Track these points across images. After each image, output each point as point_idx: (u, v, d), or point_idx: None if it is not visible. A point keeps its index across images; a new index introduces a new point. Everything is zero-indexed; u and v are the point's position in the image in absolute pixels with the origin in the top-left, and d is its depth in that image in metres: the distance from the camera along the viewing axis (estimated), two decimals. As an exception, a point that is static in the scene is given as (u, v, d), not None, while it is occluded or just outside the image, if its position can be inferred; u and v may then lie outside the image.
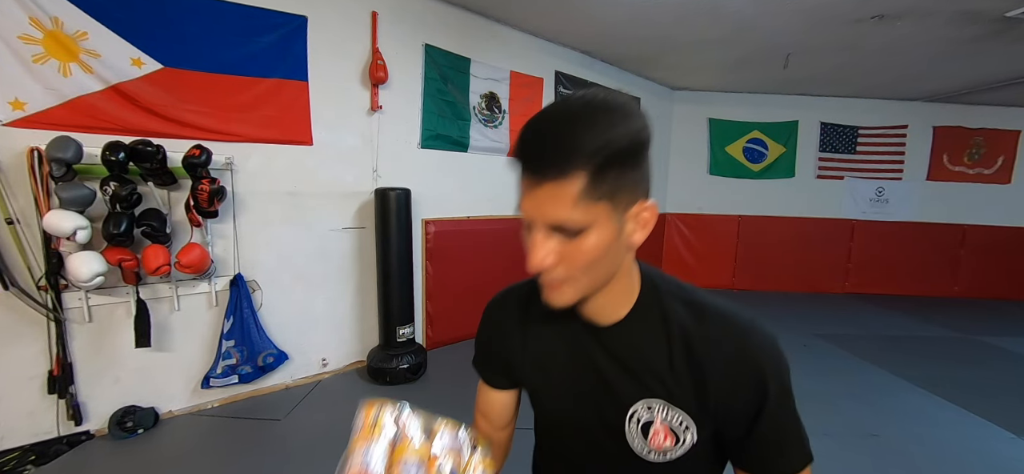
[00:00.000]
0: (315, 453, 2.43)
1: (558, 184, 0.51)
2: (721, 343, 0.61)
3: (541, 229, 0.54)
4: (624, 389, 0.65)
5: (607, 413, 0.67)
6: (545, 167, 0.51)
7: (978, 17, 3.53)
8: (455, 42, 3.77)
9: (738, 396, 0.60)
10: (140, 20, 2.43)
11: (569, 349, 0.70)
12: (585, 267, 0.56)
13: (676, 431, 0.63)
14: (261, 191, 2.94)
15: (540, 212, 0.54)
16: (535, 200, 0.53)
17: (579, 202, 0.51)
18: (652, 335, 0.64)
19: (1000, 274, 6.51)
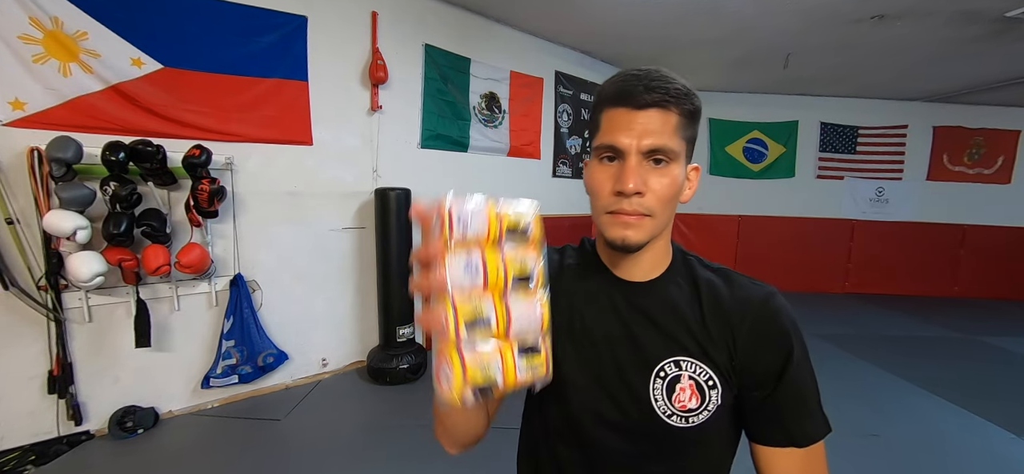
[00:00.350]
0: (315, 453, 2.43)
1: (661, 112, 0.60)
2: (749, 303, 0.65)
3: (635, 156, 0.60)
4: (652, 346, 0.66)
5: (630, 371, 0.66)
6: (650, 96, 0.60)
7: (978, 17, 3.53)
8: (455, 42, 3.77)
9: (766, 352, 0.64)
10: (140, 20, 2.43)
11: (596, 306, 0.71)
12: (665, 200, 0.62)
13: (702, 388, 0.64)
14: (261, 191, 2.94)
15: (640, 136, 0.60)
16: (634, 128, 0.60)
17: (676, 132, 0.61)
18: (685, 295, 0.68)
19: (1000, 274, 6.51)
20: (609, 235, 0.64)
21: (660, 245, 0.69)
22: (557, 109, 4.75)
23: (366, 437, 2.61)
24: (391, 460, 2.39)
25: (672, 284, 0.69)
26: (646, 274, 0.70)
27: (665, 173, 0.61)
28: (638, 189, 0.60)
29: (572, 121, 4.95)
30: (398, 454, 2.44)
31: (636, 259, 0.69)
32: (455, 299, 0.50)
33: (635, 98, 0.61)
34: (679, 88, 0.61)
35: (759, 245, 6.55)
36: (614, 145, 0.62)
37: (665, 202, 0.62)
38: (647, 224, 0.62)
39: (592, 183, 0.66)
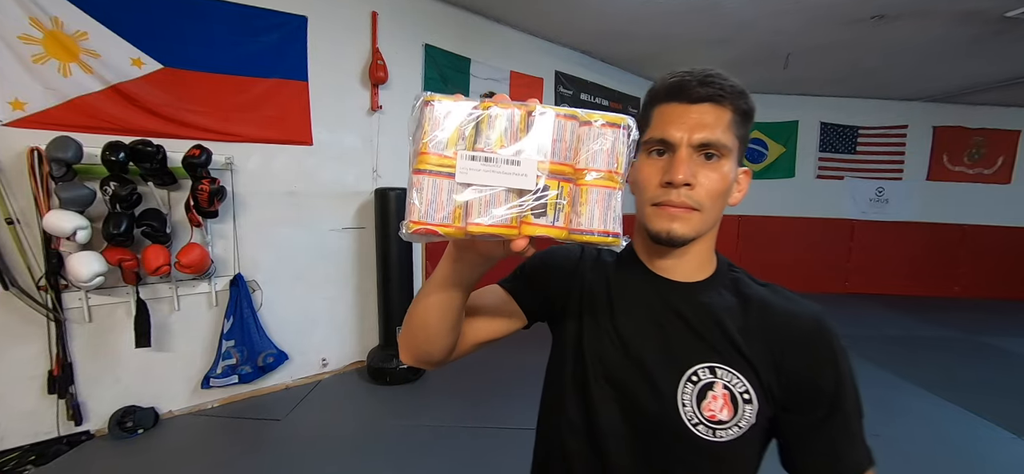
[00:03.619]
0: (315, 453, 2.43)
1: (714, 107, 0.60)
2: (800, 317, 0.63)
3: (685, 148, 0.59)
4: (686, 349, 0.62)
5: (658, 369, 0.63)
6: (704, 90, 0.60)
7: (978, 17, 3.53)
8: (455, 42, 3.77)
9: (817, 374, 0.60)
10: (140, 20, 2.43)
11: (628, 298, 0.68)
12: (715, 196, 0.60)
13: (736, 400, 0.60)
14: (261, 191, 2.94)
15: (692, 130, 0.59)
16: (687, 121, 0.60)
17: (729, 128, 0.60)
18: (727, 304, 0.65)
19: (1000, 274, 6.50)
20: (654, 227, 0.62)
21: (704, 248, 0.67)
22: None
23: (366, 437, 2.61)
24: (391, 460, 2.39)
25: (714, 290, 0.66)
26: (688, 276, 0.67)
27: (716, 168, 0.60)
28: (688, 180, 0.58)
29: (572, 121, 4.94)
30: (398, 454, 2.44)
31: (678, 258, 0.66)
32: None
33: (689, 92, 0.61)
34: (734, 85, 0.61)
35: (759, 245, 6.54)
36: (665, 138, 0.61)
37: (714, 198, 0.60)
38: (695, 219, 0.60)
39: (639, 177, 0.63)
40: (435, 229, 0.44)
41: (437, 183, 0.45)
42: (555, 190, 0.46)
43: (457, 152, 0.45)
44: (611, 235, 0.48)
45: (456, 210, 0.45)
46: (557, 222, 0.46)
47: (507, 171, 0.45)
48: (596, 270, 0.73)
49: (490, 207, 0.45)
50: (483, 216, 0.45)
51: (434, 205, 0.45)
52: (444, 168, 0.45)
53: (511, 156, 0.45)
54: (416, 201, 0.45)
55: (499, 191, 0.45)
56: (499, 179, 0.45)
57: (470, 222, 0.45)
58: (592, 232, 0.47)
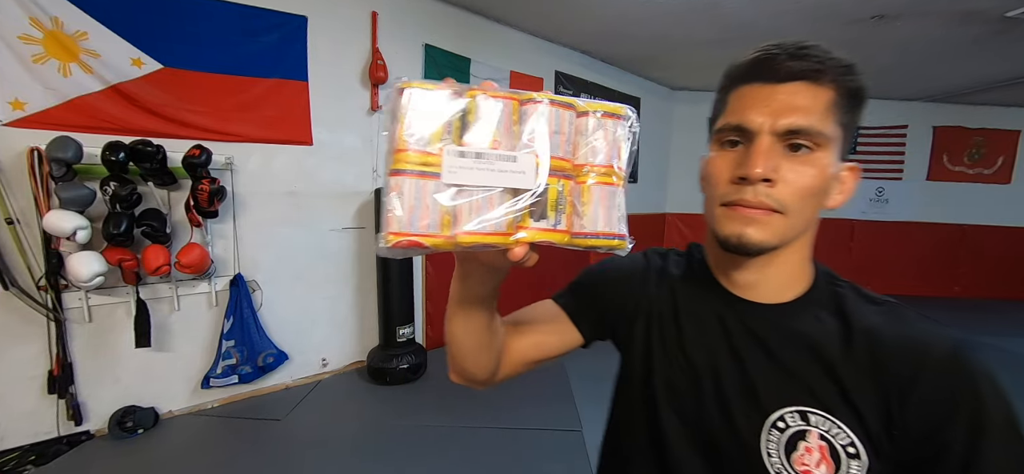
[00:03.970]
0: (315, 453, 2.43)
1: (809, 86, 0.48)
2: (928, 351, 0.48)
3: (767, 137, 0.48)
4: (772, 388, 0.51)
5: (737, 412, 0.52)
6: (796, 64, 0.48)
7: (978, 17, 3.53)
8: (455, 42, 3.77)
9: (949, 424, 0.45)
10: (140, 20, 2.43)
11: (700, 323, 0.58)
12: (803, 196, 0.49)
13: (838, 455, 0.47)
14: (261, 191, 2.94)
15: (777, 114, 0.48)
16: (772, 103, 0.48)
17: (829, 113, 0.48)
18: (826, 331, 0.52)
19: (1000, 274, 6.50)
20: (722, 231, 0.52)
21: (794, 258, 0.55)
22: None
23: (366, 437, 2.61)
24: (391, 460, 2.39)
25: (808, 313, 0.54)
26: (772, 295, 0.55)
27: (807, 162, 0.49)
28: (767, 175, 0.48)
29: (572, 121, 4.94)
30: (398, 454, 2.44)
31: (759, 271, 0.55)
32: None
33: (775, 67, 0.49)
34: (838, 59, 0.49)
35: (759, 245, 6.54)
36: (741, 124, 0.50)
37: (803, 198, 0.49)
38: (775, 223, 0.49)
39: (708, 172, 0.54)
40: (419, 241, 0.38)
41: (420, 185, 0.38)
42: (556, 188, 0.41)
43: (443, 148, 0.38)
44: (617, 237, 0.44)
45: (444, 217, 0.38)
46: (559, 224, 0.41)
47: (503, 169, 0.39)
48: (662, 284, 0.63)
49: (483, 211, 0.39)
50: (475, 222, 0.39)
51: (417, 212, 0.38)
52: (428, 167, 0.38)
53: (507, 151, 0.39)
54: (396, 208, 0.37)
55: (493, 192, 0.39)
56: (494, 178, 0.39)
57: (460, 230, 0.38)
58: (597, 235, 0.43)
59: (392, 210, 0.37)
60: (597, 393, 3.13)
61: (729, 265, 0.57)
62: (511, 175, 0.39)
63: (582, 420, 2.76)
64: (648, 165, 5.99)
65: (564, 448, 2.50)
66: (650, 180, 6.09)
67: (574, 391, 3.09)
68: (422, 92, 0.38)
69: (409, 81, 0.38)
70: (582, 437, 2.60)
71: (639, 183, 5.89)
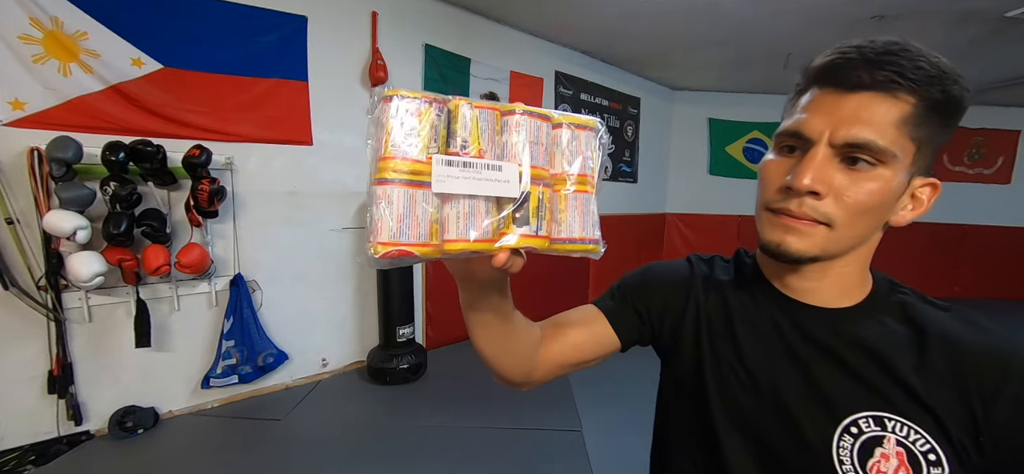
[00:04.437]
0: (315, 453, 2.43)
1: (883, 97, 0.45)
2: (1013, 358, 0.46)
3: (822, 147, 0.46)
4: (842, 393, 0.49)
5: (806, 421, 0.50)
6: (871, 74, 0.44)
7: (978, 17, 3.53)
8: (455, 42, 3.77)
9: None
10: (140, 20, 2.43)
11: (755, 329, 0.56)
12: (856, 211, 0.46)
13: (919, 461, 0.45)
14: (261, 191, 2.94)
15: (838, 125, 0.45)
16: (837, 112, 0.46)
17: (900, 126, 0.45)
18: (894, 335, 0.50)
19: (1000, 274, 6.51)
20: (764, 236, 0.52)
21: (851, 269, 0.53)
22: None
23: (366, 437, 2.61)
24: (391, 460, 2.39)
25: (872, 319, 0.52)
26: (831, 300, 0.54)
27: (865, 177, 0.46)
28: (814, 187, 0.46)
29: (572, 121, 4.94)
30: (398, 454, 2.44)
31: (816, 279, 0.53)
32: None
33: (848, 74, 0.46)
34: (924, 67, 0.45)
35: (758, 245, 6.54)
36: (799, 131, 0.48)
37: (856, 214, 0.47)
38: (819, 235, 0.48)
39: (762, 174, 0.53)
40: (410, 250, 0.38)
41: (409, 194, 0.38)
42: (536, 197, 0.42)
43: (431, 157, 0.38)
44: (591, 242, 0.45)
45: (433, 225, 0.39)
46: (540, 231, 0.42)
47: (489, 177, 0.40)
48: (710, 288, 0.61)
49: (470, 219, 0.40)
50: (462, 230, 0.39)
51: (408, 220, 0.38)
52: (417, 176, 0.38)
53: (493, 162, 0.40)
54: (385, 217, 0.37)
55: (478, 201, 0.40)
56: (480, 187, 0.40)
57: (447, 239, 0.39)
58: (573, 240, 0.44)
59: (382, 218, 0.37)
60: (597, 394, 3.14)
61: (785, 270, 0.55)
62: (497, 184, 0.40)
63: (582, 420, 2.76)
64: (648, 165, 5.99)
65: (564, 448, 2.50)
66: (650, 180, 6.09)
67: (574, 392, 3.09)
68: (408, 100, 0.39)
69: (395, 89, 0.39)
70: (582, 437, 2.60)
71: (639, 183, 5.89)
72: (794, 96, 0.53)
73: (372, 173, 0.39)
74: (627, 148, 5.64)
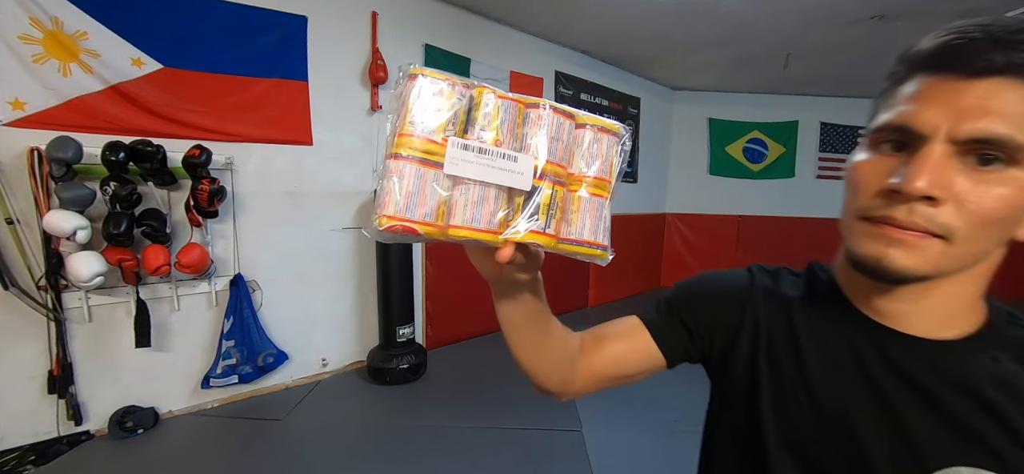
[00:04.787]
0: (315, 453, 2.43)
1: (1014, 84, 0.36)
2: None
3: (941, 144, 0.38)
4: (936, 441, 0.41)
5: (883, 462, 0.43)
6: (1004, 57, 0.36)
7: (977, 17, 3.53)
8: (455, 42, 3.77)
9: None
10: (140, 20, 2.43)
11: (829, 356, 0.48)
12: (980, 222, 0.38)
13: None
14: (261, 191, 2.94)
15: (961, 117, 0.37)
16: (958, 102, 0.37)
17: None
18: (1009, 373, 0.42)
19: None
20: (859, 249, 0.43)
21: (960, 292, 0.45)
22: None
23: (366, 437, 2.61)
24: (391, 460, 2.39)
25: (983, 356, 0.43)
26: (929, 329, 0.45)
27: (996, 180, 0.38)
28: (931, 191, 0.38)
29: (572, 121, 4.94)
30: (398, 454, 2.44)
31: (913, 302, 0.44)
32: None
33: (972, 57, 0.37)
34: None
35: (759, 245, 6.54)
36: (906, 124, 0.40)
37: (981, 225, 0.39)
38: (932, 250, 0.39)
39: (852, 176, 0.45)
40: (414, 227, 0.38)
41: (421, 172, 0.38)
42: (549, 193, 0.41)
43: (446, 138, 0.39)
44: (599, 247, 0.44)
45: (440, 206, 0.39)
46: (548, 228, 0.41)
47: (502, 167, 0.40)
48: (772, 302, 0.55)
49: (478, 206, 0.39)
50: (468, 217, 0.39)
51: (416, 198, 0.38)
52: (430, 155, 0.38)
53: (509, 152, 0.40)
54: (395, 190, 0.37)
55: (489, 189, 0.40)
56: (493, 175, 0.39)
57: (452, 223, 0.39)
58: (581, 242, 0.43)
59: (390, 192, 0.38)
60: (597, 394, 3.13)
61: (872, 289, 0.46)
62: (510, 174, 0.40)
63: (582, 420, 2.76)
64: (648, 165, 5.99)
65: (564, 448, 2.50)
66: (650, 180, 6.09)
67: (574, 391, 3.08)
68: (432, 81, 0.40)
69: (421, 67, 0.40)
70: (582, 437, 2.60)
71: (639, 183, 5.89)
72: (889, 86, 0.44)
73: (388, 147, 0.39)
74: (627, 148, 5.65)
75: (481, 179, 0.39)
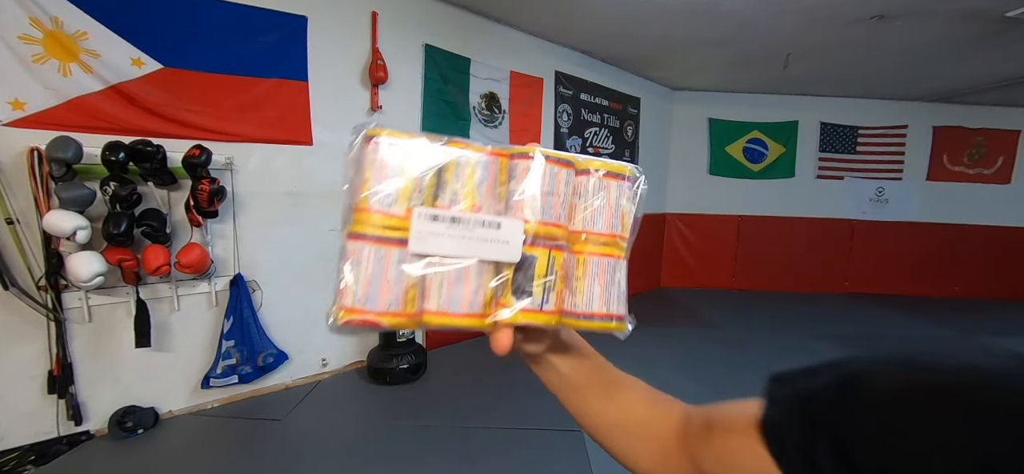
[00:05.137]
0: (315, 453, 2.43)
1: None
2: None
3: None
4: None
5: None
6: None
7: (978, 17, 3.53)
8: (455, 42, 3.77)
9: None
10: (140, 20, 2.43)
11: None
12: None
13: None
14: (261, 191, 2.94)
15: None
16: None
17: None
18: None
19: (1000, 274, 6.51)
20: None
21: None
22: (557, 109, 4.75)
23: (366, 437, 2.61)
24: (391, 460, 2.39)
25: None
26: None
27: None
28: None
29: (572, 121, 4.94)
30: (398, 454, 2.44)
31: None
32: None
33: None
34: None
35: (759, 245, 6.55)
36: None
37: None
38: None
39: None
40: (376, 320, 0.33)
41: (382, 254, 0.33)
42: (545, 261, 0.35)
43: (411, 209, 0.33)
44: (615, 319, 0.37)
45: (408, 291, 0.33)
46: (547, 304, 0.35)
47: (483, 237, 0.34)
48: None
49: (456, 286, 0.33)
50: (444, 300, 0.33)
51: (376, 285, 0.32)
52: (392, 232, 0.33)
53: (489, 218, 0.34)
54: (349, 280, 0.32)
55: (469, 264, 0.34)
56: (471, 248, 0.33)
57: (427, 308, 0.33)
58: (590, 315, 0.37)
59: (346, 282, 0.32)
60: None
61: None
62: (493, 245, 0.34)
63: (582, 420, 2.76)
64: (648, 165, 5.96)
65: (564, 448, 2.50)
66: (650, 180, 5.88)
67: (574, 391, 3.08)
68: (391, 141, 0.33)
69: (378, 127, 0.34)
70: (582, 437, 2.60)
71: (639, 183, 5.89)
72: None
73: (345, 223, 0.34)
74: (627, 148, 5.64)
75: (457, 254, 0.33)
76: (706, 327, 4.85)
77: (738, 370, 3.63)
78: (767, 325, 4.99)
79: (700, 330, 4.74)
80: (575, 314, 0.37)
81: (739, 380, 3.45)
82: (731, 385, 3.38)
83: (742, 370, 3.62)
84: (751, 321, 5.13)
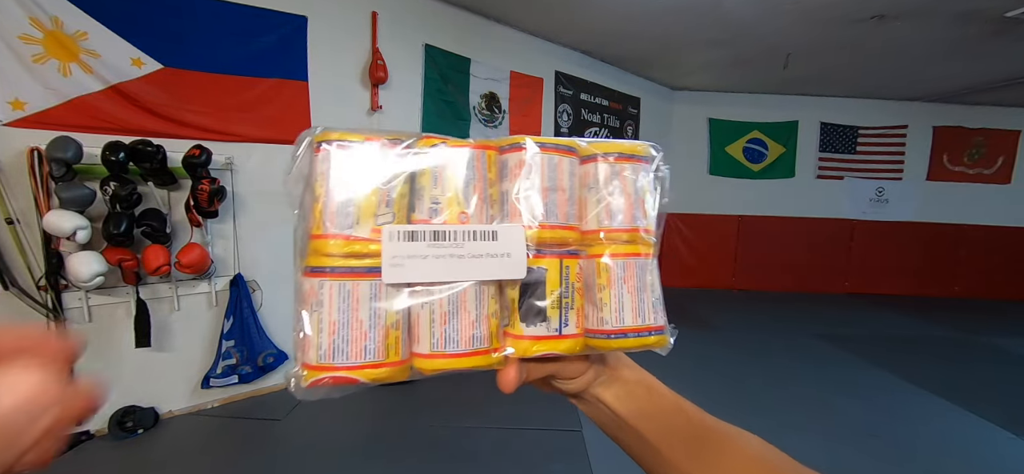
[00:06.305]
0: (315, 453, 2.43)
1: None
2: None
3: None
4: None
5: None
6: None
7: (978, 17, 3.53)
8: (455, 42, 3.77)
9: None
10: (140, 20, 2.43)
11: None
12: None
13: None
14: (261, 191, 2.94)
15: None
16: None
17: None
18: None
19: (1000, 274, 6.51)
20: None
21: None
22: (557, 109, 4.75)
23: (366, 437, 2.61)
24: (391, 460, 2.39)
25: None
26: None
27: None
28: None
29: (572, 121, 4.95)
30: (398, 454, 2.44)
31: None
32: None
33: None
34: None
35: (759, 245, 6.55)
36: None
37: None
38: None
39: None
40: (350, 377, 0.25)
41: (347, 289, 0.25)
42: (557, 273, 0.28)
43: (379, 228, 0.26)
44: (653, 331, 0.31)
45: (389, 333, 0.26)
46: (566, 327, 0.29)
47: (477, 253, 0.27)
48: None
49: (451, 319, 0.26)
50: (437, 340, 0.26)
51: (345, 331, 0.25)
52: (358, 260, 0.25)
53: (482, 227, 0.27)
54: (308, 329, 0.25)
55: (464, 288, 0.27)
56: (463, 269, 0.26)
57: (417, 351, 0.27)
58: (624, 332, 0.30)
59: (306, 334, 0.25)
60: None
61: None
62: (491, 260, 0.27)
63: (582, 420, 2.76)
64: (648, 165, 6.00)
65: (564, 448, 2.50)
66: None
67: (574, 391, 3.08)
68: (345, 147, 0.26)
69: (327, 131, 0.26)
70: (582, 437, 2.60)
71: (639, 183, 5.89)
72: None
73: (299, 258, 0.26)
74: (627, 148, 5.64)
75: (446, 278, 0.26)
76: (706, 327, 4.86)
77: (738, 370, 3.64)
78: (767, 325, 4.99)
79: (700, 330, 4.74)
80: (604, 333, 0.30)
81: (740, 380, 3.46)
82: (731, 385, 3.39)
83: (742, 370, 3.62)
84: (751, 321, 5.13)
